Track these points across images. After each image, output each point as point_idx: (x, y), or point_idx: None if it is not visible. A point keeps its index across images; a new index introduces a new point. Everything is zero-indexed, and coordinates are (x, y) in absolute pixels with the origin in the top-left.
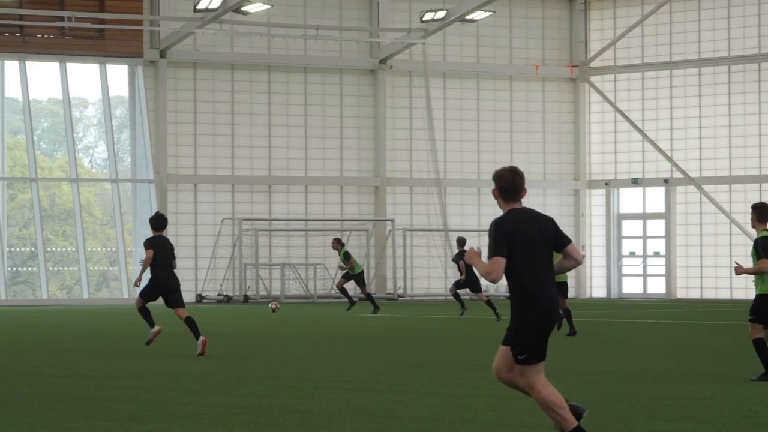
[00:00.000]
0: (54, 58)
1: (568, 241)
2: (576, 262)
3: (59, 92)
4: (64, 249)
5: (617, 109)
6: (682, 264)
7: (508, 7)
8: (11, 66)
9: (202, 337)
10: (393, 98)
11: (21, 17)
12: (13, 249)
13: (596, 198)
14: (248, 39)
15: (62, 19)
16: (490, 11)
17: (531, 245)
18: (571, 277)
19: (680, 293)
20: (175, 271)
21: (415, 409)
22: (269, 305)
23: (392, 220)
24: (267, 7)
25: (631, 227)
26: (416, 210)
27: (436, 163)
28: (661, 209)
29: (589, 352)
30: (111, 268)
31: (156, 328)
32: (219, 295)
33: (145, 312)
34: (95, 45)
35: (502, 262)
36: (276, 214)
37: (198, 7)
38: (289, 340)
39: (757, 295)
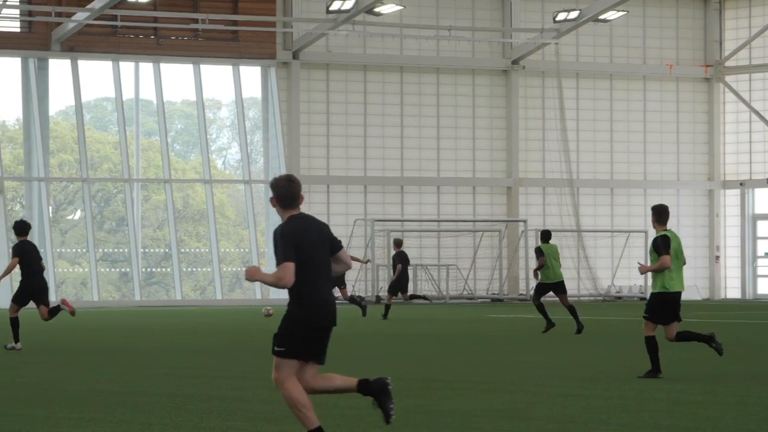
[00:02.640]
0: (188, 60)
1: (340, 246)
2: (347, 266)
3: (193, 94)
4: (197, 250)
5: (752, 109)
6: None
7: (642, 7)
8: (146, 68)
9: (19, 344)
10: (525, 99)
11: (155, 19)
12: (147, 250)
13: (731, 198)
14: (381, 40)
15: (196, 21)
16: (623, 11)
17: (312, 249)
18: (705, 278)
19: None
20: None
21: (548, 409)
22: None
23: (525, 221)
24: (399, 8)
25: (766, 228)
26: (549, 211)
27: (569, 163)
28: None
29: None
30: (244, 269)
31: (18, 345)
32: (351, 295)
33: (15, 324)
34: (228, 47)
35: (291, 266)
36: (408, 215)
37: (331, 8)
38: (420, 340)
39: (652, 294)
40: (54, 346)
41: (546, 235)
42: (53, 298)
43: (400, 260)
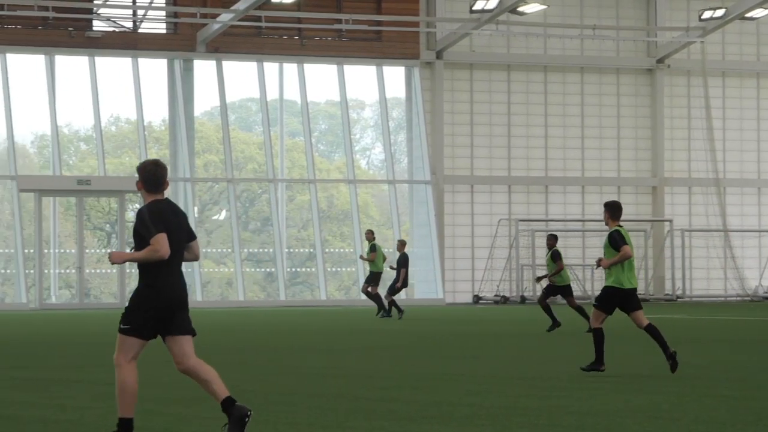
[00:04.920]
0: (331, 61)
1: (194, 237)
2: (195, 257)
3: (336, 94)
4: (341, 250)
5: None
6: None
7: None
8: (290, 69)
9: None
10: (671, 98)
11: (299, 20)
12: (291, 250)
13: None
14: (524, 39)
15: (340, 21)
16: None
17: (172, 232)
18: None
19: None
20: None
21: (696, 410)
22: None
23: (670, 221)
24: (543, 7)
25: None
26: (695, 210)
27: (715, 162)
28: None
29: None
30: (389, 269)
31: None
32: (496, 296)
33: None
34: (372, 47)
35: (164, 237)
36: (552, 214)
37: (474, 8)
38: (565, 339)
39: (605, 287)
40: (199, 346)
41: (556, 238)
42: (198, 298)
43: (405, 262)
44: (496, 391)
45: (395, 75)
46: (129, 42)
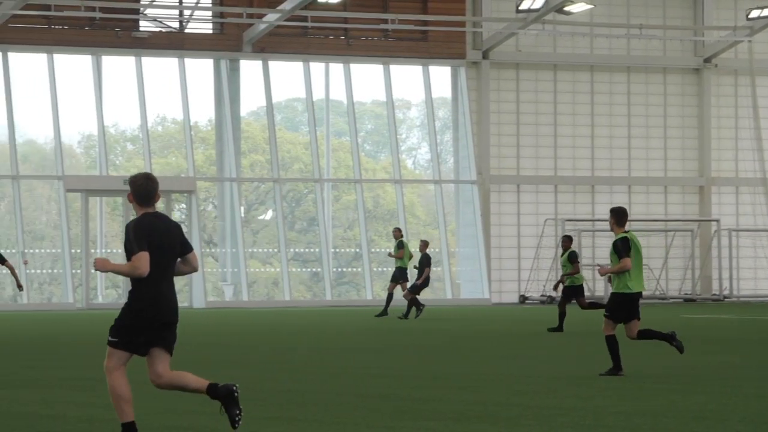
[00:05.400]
0: (377, 60)
1: (190, 249)
2: (193, 269)
3: (382, 94)
4: (387, 250)
5: None
6: None
7: None
8: (336, 69)
9: None
10: (718, 97)
11: (345, 20)
12: (338, 250)
13: None
14: (571, 39)
15: (386, 21)
16: None
17: (159, 246)
18: None
19: None
20: None
21: (743, 411)
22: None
23: (717, 221)
24: (590, 6)
25: None
26: (742, 210)
27: (763, 162)
28: None
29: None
30: (434, 268)
31: None
32: (542, 296)
33: None
34: (418, 47)
35: (146, 255)
36: (599, 214)
37: (520, 7)
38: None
39: (612, 293)
40: (247, 345)
41: (571, 240)
42: (245, 298)
43: (428, 262)
44: (543, 391)
45: (441, 75)
46: (175, 42)
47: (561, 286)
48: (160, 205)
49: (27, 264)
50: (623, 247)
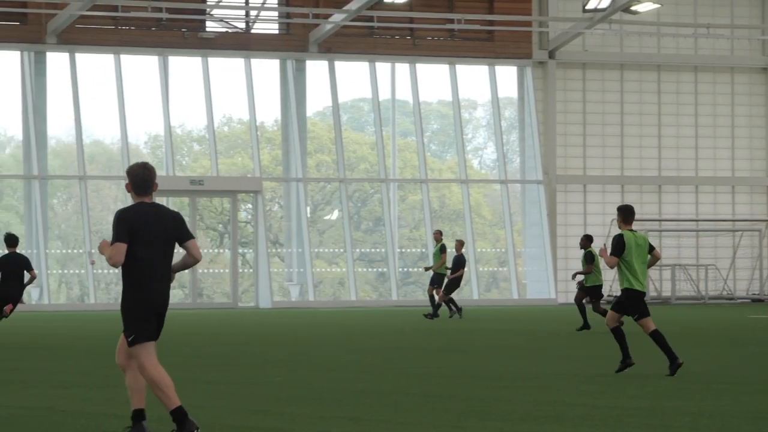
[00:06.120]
0: (443, 60)
1: (189, 237)
2: (195, 259)
3: (448, 94)
4: (453, 250)
5: None
6: None
7: None
8: (402, 68)
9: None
10: None
11: (411, 20)
12: (403, 250)
13: None
14: (638, 39)
15: (452, 21)
16: None
17: (150, 237)
18: None
19: None
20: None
21: None
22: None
23: None
24: (657, 6)
25: None
26: None
27: None
28: None
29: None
30: (500, 269)
31: None
32: (609, 296)
33: None
34: (484, 46)
35: (123, 247)
36: (666, 214)
37: (587, 7)
38: (679, 340)
39: (623, 289)
40: (310, 345)
41: (591, 240)
42: (311, 297)
43: (462, 263)
44: (609, 391)
45: (507, 75)
46: (242, 42)
47: (577, 278)
48: (225, 206)
49: (94, 264)
50: (615, 246)
